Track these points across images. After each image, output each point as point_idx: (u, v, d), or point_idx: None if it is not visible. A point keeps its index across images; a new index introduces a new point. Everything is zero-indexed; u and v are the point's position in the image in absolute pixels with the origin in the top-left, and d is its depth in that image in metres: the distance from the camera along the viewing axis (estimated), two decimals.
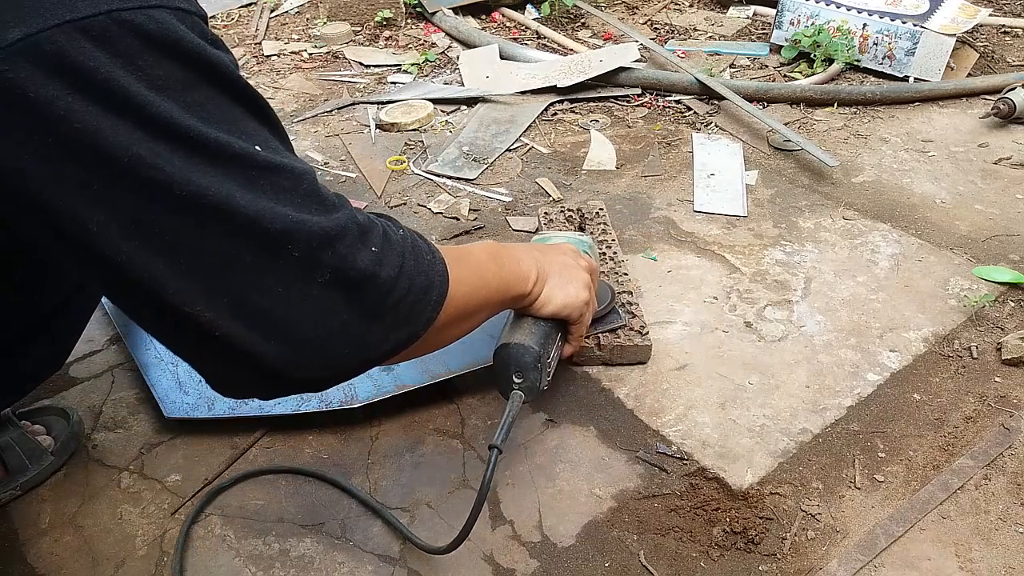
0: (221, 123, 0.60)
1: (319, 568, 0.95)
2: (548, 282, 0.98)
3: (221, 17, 2.61)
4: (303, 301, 0.63)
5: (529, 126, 1.91)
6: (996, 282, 1.37)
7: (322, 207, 0.65)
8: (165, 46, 0.58)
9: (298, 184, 0.64)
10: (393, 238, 0.70)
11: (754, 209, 1.60)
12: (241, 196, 0.60)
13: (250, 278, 0.62)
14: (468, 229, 1.55)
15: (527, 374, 0.96)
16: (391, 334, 0.70)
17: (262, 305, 0.62)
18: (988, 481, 1.03)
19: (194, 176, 0.58)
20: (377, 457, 1.08)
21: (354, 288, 0.66)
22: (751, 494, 1.02)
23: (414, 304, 0.71)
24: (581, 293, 1.00)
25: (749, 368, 1.22)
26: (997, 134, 1.84)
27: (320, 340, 0.65)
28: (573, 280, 1.00)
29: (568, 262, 1.02)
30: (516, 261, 0.94)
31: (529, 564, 0.95)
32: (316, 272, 0.63)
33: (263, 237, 0.61)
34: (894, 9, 2.08)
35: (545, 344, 0.97)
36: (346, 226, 0.65)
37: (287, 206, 0.62)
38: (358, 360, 0.70)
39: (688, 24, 2.47)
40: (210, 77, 0.61)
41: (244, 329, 0.62)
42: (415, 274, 0.71)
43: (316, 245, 0.63)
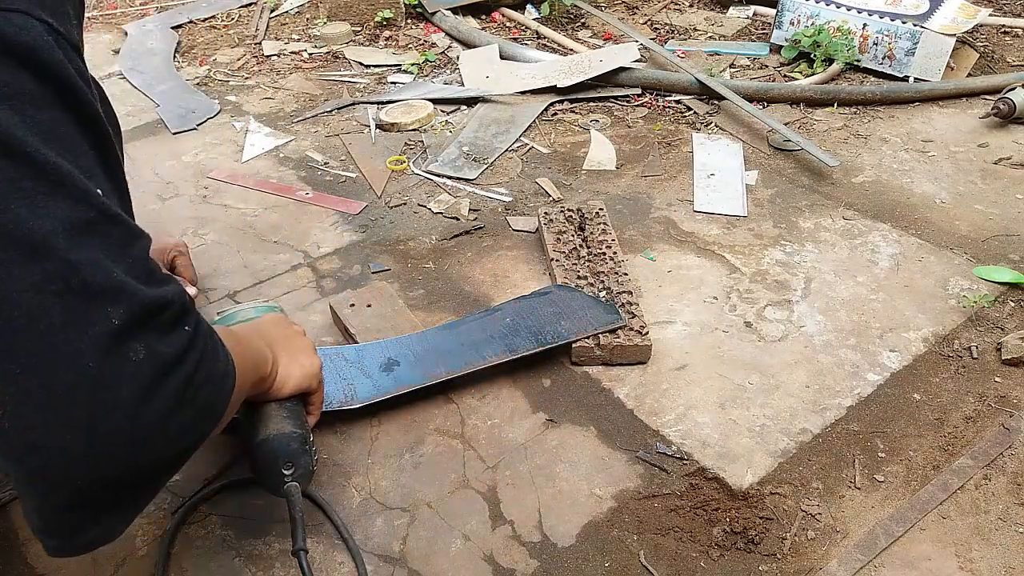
0: (65, 151, 0.53)
1: (319, 568, 0.95)
2: (280, 359, 0.89)
3: (221, 17, 2.61)
4: (113, 380, 0.54)
5: (529, 126, 1.91)
6: (996, 282, 1.37)
7: (149, 277, 0.58)
8: (20, 54, 0.52)
9: (131, 244, 0.57)
10: (202, 321, 0.65)
11: (754, 209, 1.60)
12: (64, 237, 0.52)
13: (57, 340, 0.52)
14: (468, 229, 1.55)
15: (298, 461, 0.88)
16: (197, 423, 0.63)
17: (66, 378, 0.52)
18: (988, 481, 1.03)
19: (13, 199, 0.50)
20: (377, 457, 1.08)
21: (166, 370, 0.58)
22: (751, 494, 1.02)
23: (215, 391, 0.65)
24: (313, 360, 0.93)
25: (749, 368, 1.22)
26: (997, 134, 1.84)
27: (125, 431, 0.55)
28: (302, 350, 0.93)
29: (287, 332, 0.94)
30: (253, 345, 0.85)
31: (529, 564, 0.95)
32: (130, 347, 0.55)
33: (79, 290, 0.52)
34: (894, 9, 2.08)
35: (302, 424, 0.91)
36: (169, 302, 0.59)
37: (115, 263, 0.54)
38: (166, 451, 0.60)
39: (688, 24, 2.47)
40: (64, 100, 0.54)
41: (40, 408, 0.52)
42: (216, 359, 0.66)
43: (137, 315, 0.55)
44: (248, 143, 1.88)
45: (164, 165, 1.80)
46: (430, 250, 1.50)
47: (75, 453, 0.54)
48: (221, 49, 2.39)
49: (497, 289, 1.39)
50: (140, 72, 2.23)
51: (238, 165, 1.80)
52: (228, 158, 1.83)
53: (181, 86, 2.16)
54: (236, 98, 2.10)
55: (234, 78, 2.22)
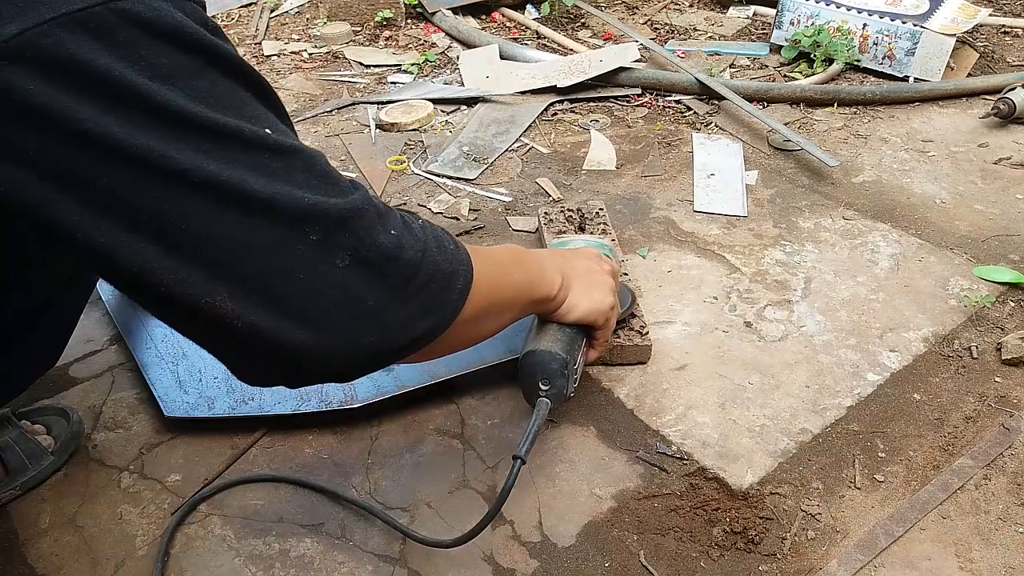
0: (229, 108, 0.59)
1: (319, 568, 0.95)
2: (573, 288, 0.96)
3: (221, 17, 2.61)
4: (325, 285, 0.62)
5: (529, 126, 1.91)
6: (996, 282, 1.37)
7: (337, 189, 0.64)
8: (165, 34, 0.57)
9: (311, 166, 0.63)
10: (413, 226, 0.69)
11: (754, 209, 1.60)
12: (255, 180, 0.59)
13: (270, 263, 0.61)
14: (468, 229, 1.55)
15: (554, 381, 0.95)
16: (418, 321, 0.68)
17: (284, 290, 0.61)
18: (988, 481, 1.03)
19: (205, 163, 0.57)
20: (377, 457, 1.08)
21: (376, 270, 0.64)
22: (751, 494, 1.02)
23: (440, 291, 0.69)
24: (607, 298, 0.98)
25: (749, 368, 1.22)
26: (997, 134, 1.84)
27: (346, 325, 0.64)
28: (598, 285, 0.98)
29: (592, 267, 1.00)
30: (540, 265, 0.92)
31: (529, 564, 0.95)
32: (336, 254, 0.62)
33: (280, 220, 0.60)
34: (894, 9, 2.08)
35: (571, 351, 0.96)
36: (363, 207, 0.64)
37: (302, 188, 0.61)
38: (385, 347, 0.67)
39: (688, 24, 2.47)
40: (213, 62, 0.60)
41: (268, 316, 0.61)
42: (439, 260, 0.69)
43: (334, 226, 0.62)
44: None
45: None
46: None
47: (304, 347, 0.63)
48: None
49: None
50: None
51: None
52: None
53: None
54: None
55: None
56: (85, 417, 1.14)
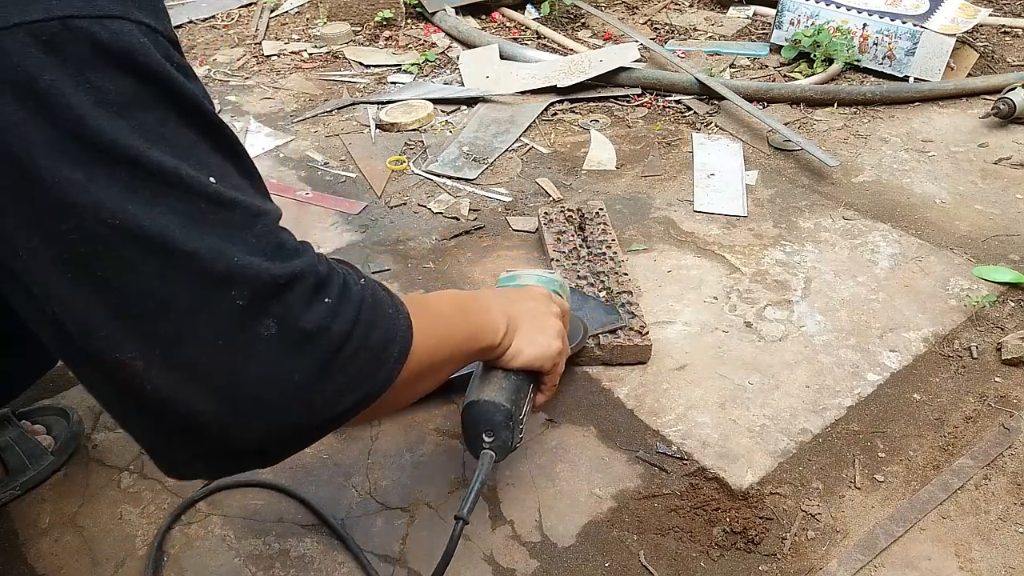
0: (173, 149, 0.55)
1: (319, 568, 0.95)
2: (518, 332, 0.92)
3: (221, 17, 2.61)
4: (245, 355, 0.57)
5: (529, 126, 1.91)
6: (996, 282, 1.37)
7: (277, 252, 0.59)
8: (119, 59, 0.53)
9: (252, 223, 0.58)
10: (352, 289, 0.64)
11: (754, 209, 1.60)
12: (181, 230, 0.54)
13: (185, 324, 0.56)
14: (468, 229, 1.55)
15: (499, 433, 0.91)
16: (345, 395, 0.63)
17: (198, 357, 0.56)
18: (988, 481, 1.03)
19: (129, 204, 0.53)
20: (377, 457, 1.08)
21: (302, 343, 0.59)
22: (751, 494, 1.02)
23: (371, 360, 0.65)
24: (553, 343, 0.94)
25: (749, 368, 1.22)
26: (997, 134, 1.84)
27: (263, 400, 0.59)
28: (544, 329, 0.94)
29: (539, 309, 0.96)
30: (484, 311, 0.88)
31: (529, 564, 0.95)
32: (260, 323, 0.57)
33: (202, 278, 0.55)
34: (894, 9, 2.08)
35: (516, 400, 0.92)
36: (301, 274, 0.59)
37: (235, 246, 0.56)
38: (310, 423, 0.63)
39: (688, 24, 2.47)
40: (167, 97, 0.56)
41: (179, 384, 0.56)
42: (373, 328, 0.65)
43: (263, 293, 0.57)
44: (248, 143, 1.88)
45: None
46: (430, 250, 1.50)
47: (212, 420, 0.58)
48: (221, 49, 2.39)
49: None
50: None
51: None
52: None
53: None
54: (236, 98, 2.10)
55: (234, 78, 2.22)
56: (85, 417, 1.14)
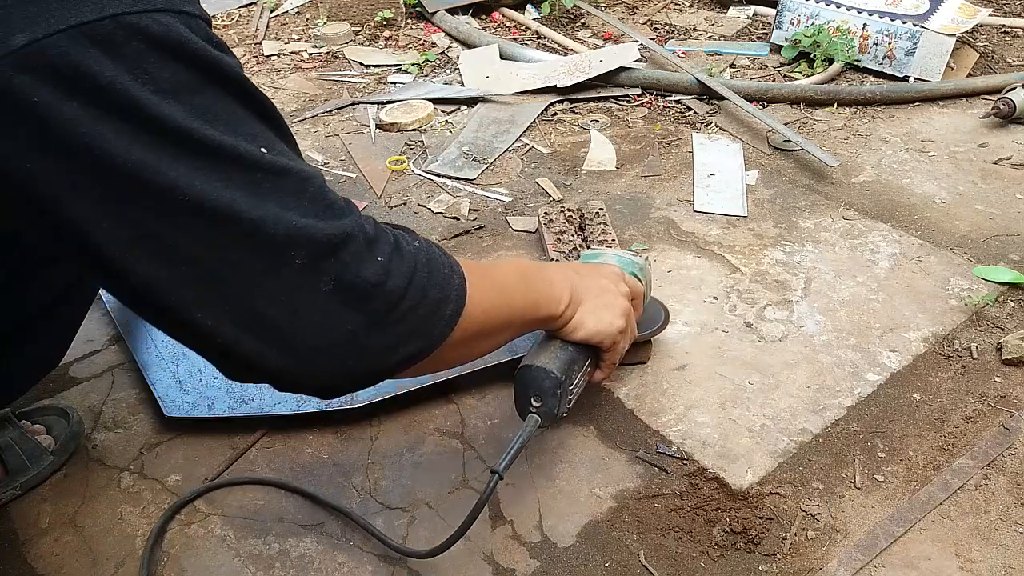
0: (226, 125, 0.60)
1: (319, 568, 0.95)
2: (582, 306, 0.94)
3: (221, 17, 2.61)
4: (307, 309, 0.63)
5: (529, 126, 1.91)
6: (996, 282, 1.37)
7: (328, 212, 0.64)
8: (170, 49, 0.58)
9: (304, 188, 0.63)
10: (405, 248, 0.69)
11: (754, 209, 1.60)
12: (244, 201, 0.60)
13: (252, 285, 0.62)
14: (468, 229, 1.55)
15: (546, 399, 0.93)
16: (400, 347, 0.69)
17: (265, 313, 0.62)
18: (988, 481, 1.03)
19: (197, 180, 0.58)
20: (377, 457, 1.08)
21: (359, 297, 0.65)
22: (751, 494, 1.02)
23: (425, 317, 0.70)
24: (616, 321, 0.96)
25: (749, 368, 1.22)
26: (997, 134, 1.84)
27: (324, 350, 0.65)
28: (609, 306, 0.96)
29: (607, 286, 0.98)
30: (547, 281, 0.91)
31: (529, 564, 0.95)
32: (319, 280, 0.63)
33: (266, 243, 0.60)
34: (894, 9, 2.08)
35: (569, 371, 0.94)
36: (352, 233, 0.64)
37: (291, 211, 0.61)
38: (365, 371, 0.69)
39: (688, 24, 2.47)
40: (215, 80, 0.60)
41: (247, 338, 0.63)
42: (428, 286, 0.69)
43: (320, 252, 0.62)
44: None
45: None
46: None
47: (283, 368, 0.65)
48: None
49: None
50: None
51: None
52: None
53: None
54: None
55: None
56: (85, 417, 1.14)
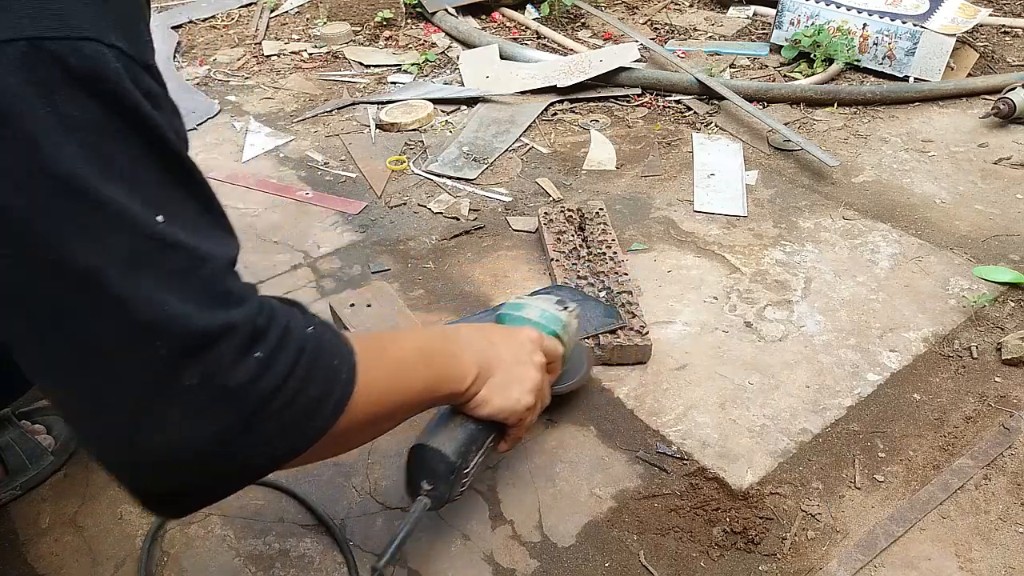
0: (126, 181, 0.54)
1: (319, 568, 0.95)
2: (490, 381, 0.87)
3: (221, 17, 2.61)
4: (161, 406, 0.56)
5: (529, 126, 1.91)
6: (996, 282, 1.37)
7: (215, 301, 0.57)
8: (86, 83, 0.52)
9: (194, 269, 0.57)
10: (292, 339, 0.62)
11: (754, 209, 1.60)
12: (115, 271, 0.53)
13: (105, 367, 0.55)
14: (468, 229, 1.55)
15: (438, 484, 0.87)
16: (265, 448, 0.62)
17: (115, 402, 0.55)
18: (988, 481, 1.03)
19: (70, 238, 0.52)
20: (377, 457, 1.08)
21: (225, 398, 0.58)
22: (751, 494, 1.02)
23: (301, 415, 0.63)
24: (524, 398, 0.89)
25: (749, 368, 1.22)
26: (997, 134, 1.84)
27: (176, 452, 0.57)
28: (519, 381, 0.89)
29: (521, 356, 0.91)
30: (454, 356, 0.85)
31: (529, 564, 0.95)
32: (182, 375, 0.56)
33: (127, 325, 0.54)
34: (894, 9, 2.08)
35: (467, 452, 0.88)
36: (236, 327, 0.58)
37: (168, 293, 0.55)
38: (224, 476, 0.62)
39: (688, 24, 2.47)
40: (131, 128, 0.54)
41: (93, 424, 0.56)
42: (307, 382, 0.63)
43: (189, 345, 0.55)
44: (248, 143, 1.88)
45: None
46: (430, 250, 1.50)
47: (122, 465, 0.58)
48: (221, 49, 2.39)
49: (497, 289, 1.39)
50: None
51: (238, 165, 1.80)
52: (228, 158, 1.83)
53: (181, 86, 2.16)
54: (236, 98, 2.10)
55: (234, 78, 2.22)
56: None
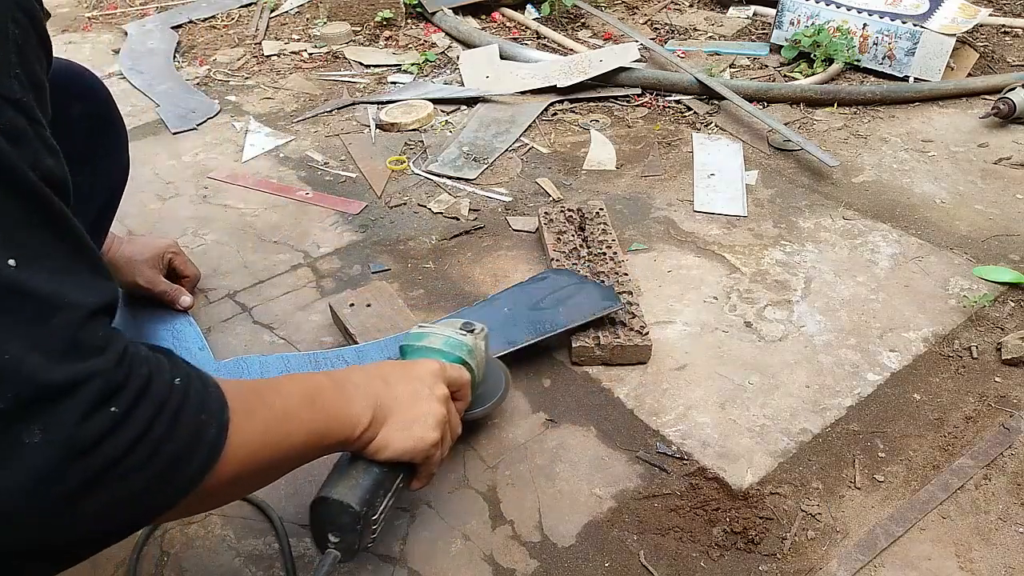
0: None
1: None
2: (388, 422, 0.83)
3: (221, 17, 2.61)
4: (4, 460, 0.52)
5: (529, 126, 1.91)
6: (996, 282, 1.37)
7: (68, 352, 0.54)
8: None
9: (47, 317, 0.53)
10: (152, 392, 0.58)
11: (754, 209, 1.60)
12: None
13: None
14: (468, 229, 1.55)
15: (345, 535, 0.82)
16: (119, 509, 0.57)
17: None
18: (988, 481, 1.03)
19: None
20: None
21: (71, 456, 0.53)
22: (751, 494, 1.02)
23: (160, 474, 0.58)
24: (428, 435, 0.85)
25: (749, 368, 1.22)
26: (997, 134, 1.84)
27: (19, 511, 0.53)
28: (421, 418, 0.85)
29: (420, 392, 0.86)
30: (344, 400, 0.80)
31: (529, 564, 0.95)
32: (22, 430, 0.52)
33: None
34: (894, 9, 2.08)
35: (372, 499, 0.83)
36: (86, 380, 0.54)
37: (14, 341, 0.51)
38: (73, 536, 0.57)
39: (688, 24, 2.47)
40: None
41: None
42: (167, 439, 0.58)
43: (33, 398, 0.52)
44: (248, 143, 1.88)
45: (164, 165, 1.80)
46: (430, 250, 1.50)
47: None
48: (221, 49, 2.39)
49: (497, 289, 1.39)
50: (140, 72, 2.23)
51: (238, 165, 1.80)
52: (228, 158, 1.83)
53: (181, 86, 2.16)
54: (236, 98, 2.10)
55: (234, 78, 2.22)
56: None
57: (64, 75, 0.93)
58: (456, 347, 0.98)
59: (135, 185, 1.73)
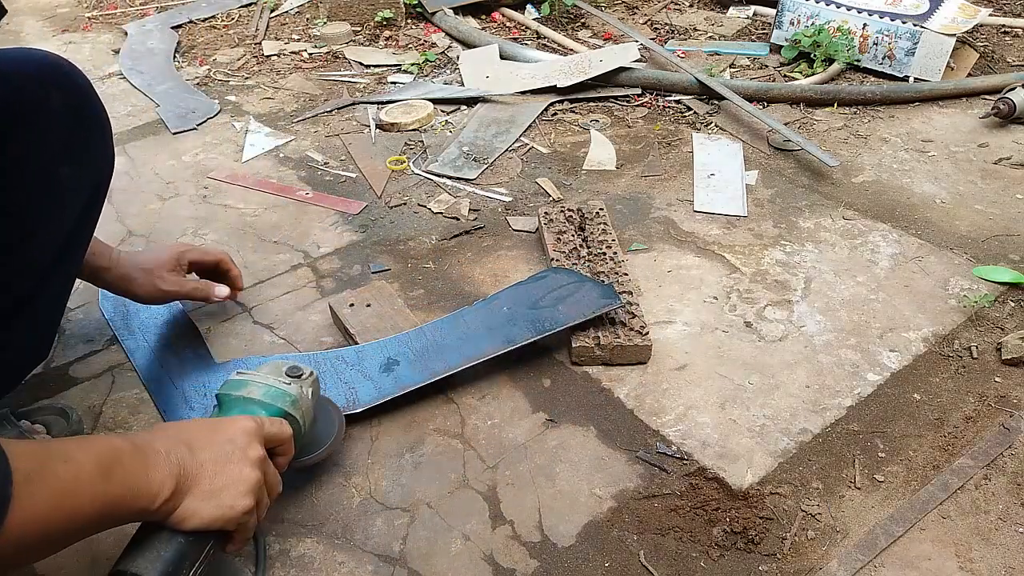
0: None
1: (319, 568, 0.95)
2: (193, 491, 0.78)
3: (221, 17, 2.61)
4: None
5: (529, 126, 1.91)
6: (996, 282, 1.37)
7: None
8: None
9: None
10: None
11: (754, 209, 1.60)
12: None
13: None
14: (468, 229, 1.55)
15: None
16: None
17: None
18: (988, 481, 1.03)
19: None
20: (377, 457, 1.08)
21: None
22: (751, 494, 1.02)
23: None
24: (239, 503, 0.80)
25: (749, 368, 1.22)
26: (997, 134, 1.84)
27: None
28: (231, 485, 0.80)
29: (231, 455, 0.81)
30: (143, 471, 0.75)
31: (529, 564, 0.95)
32: None
33: None
34: (894, 9, 2.08)
35: (176, 572, 0.77)
36: None
37: None
38: None
39: (688, 24, 2.47)
40: None
41: None
42: None
43: None
44: (248, 143, 1.88)
45: (164, 165, 1.80)
46: (430, 250, 1.50)
47: None
48: (221, 49, 2.39)
49: (497, 289, 1.39)
50: (140, 72, 2.23)
51: (238, 165, 1.80)
52: (228, 158, 1.83)
53: (181, 86, 2.16)
54: (236, 98, 2.10)
55: (234, 78, 2.22)
56: (85, 417, 1.14)
57: (40, 65, 0.92)
58: (278, 398, 0.91)
59: (135, 185, 1.73)
